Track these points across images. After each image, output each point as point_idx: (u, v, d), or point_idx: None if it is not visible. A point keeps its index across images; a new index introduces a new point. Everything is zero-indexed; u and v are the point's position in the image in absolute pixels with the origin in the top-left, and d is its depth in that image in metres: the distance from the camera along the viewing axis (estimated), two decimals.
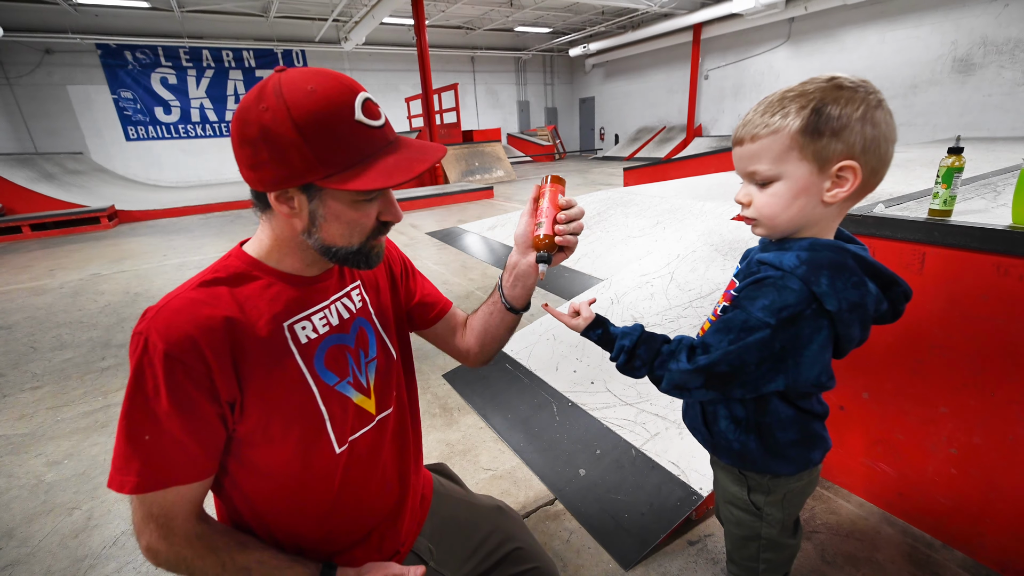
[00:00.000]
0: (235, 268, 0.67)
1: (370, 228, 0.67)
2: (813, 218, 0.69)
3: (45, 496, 1.70)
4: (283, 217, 0.65)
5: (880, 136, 0.63)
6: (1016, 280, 1.03)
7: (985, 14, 8.44)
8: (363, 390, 0.77)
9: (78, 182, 9.46)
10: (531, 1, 12.27)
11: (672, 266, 2.66)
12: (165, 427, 0.59)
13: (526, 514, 1.51)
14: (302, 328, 0.70)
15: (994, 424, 1.13)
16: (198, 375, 0.59)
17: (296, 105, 0.56)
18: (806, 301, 0.64)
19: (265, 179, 0.60)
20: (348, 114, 0.59)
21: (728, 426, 0.81)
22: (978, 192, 1.49)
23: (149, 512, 0.61)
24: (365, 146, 0.61)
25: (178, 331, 0.59)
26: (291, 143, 0.57)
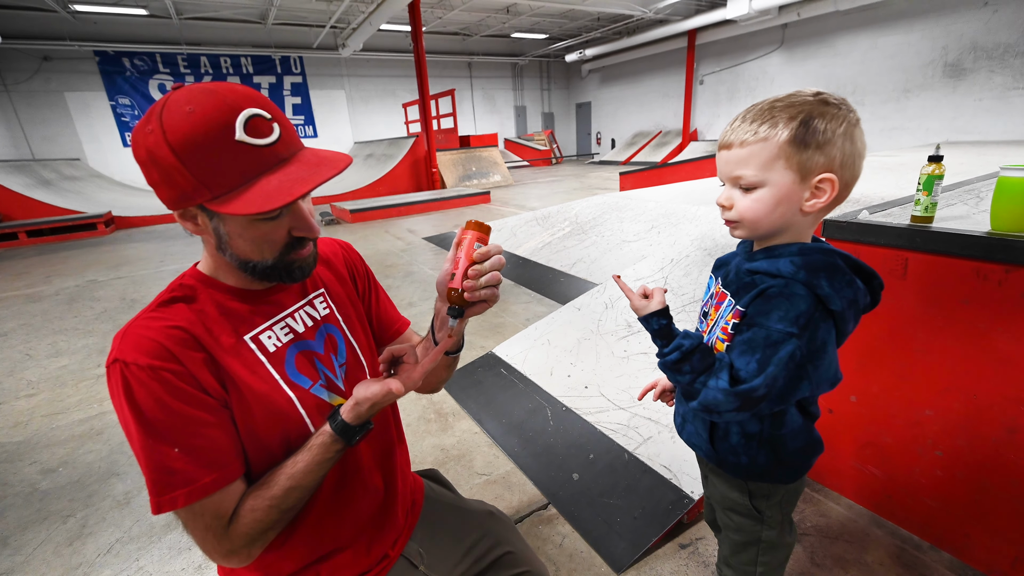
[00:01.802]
0: (189, 286, 0.69)
1: (281, 243, 0.66)
2: (791, 224, 0.71)
3: (40, 504, 1.70)
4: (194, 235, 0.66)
5: (856, 153, 0.67)
6: (995, 285, 1.05)
7: (974, 20, 8.55)
8: (339, 392, 0.78)
9: (75, 188, 9.47)
10: (527, 8, 12.36)
11: (666, 271, 2.68)
12: (187, 431, 0.60)
13: (520, 518, 1.52)
14: (267, 338, 0.71)
15: (977, 427, 1.15)
16: (184, 376, 0.61)
17: (172, 128, 0.55)
18: (815, 305, 0.67)
19: (163, 198, 0.61)
20: (227, 134, 0.56)
21: (740, 441, 0.80)
22: (961, 198, 1.52)
23: (202, 524, 0.62)
24: (247, 167, 0.58)
25: (150, 344, 0.60)
26: (172, 166, 0.56)
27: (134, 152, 0.59)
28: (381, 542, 0.82)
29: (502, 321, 3.10)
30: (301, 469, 0.67)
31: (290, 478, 0.66)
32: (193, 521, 0.62)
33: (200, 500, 0.61)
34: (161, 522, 1.59)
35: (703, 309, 0.87)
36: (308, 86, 14.57)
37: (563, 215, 5.01)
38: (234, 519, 0.64)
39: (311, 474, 0.67)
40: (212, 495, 0.61)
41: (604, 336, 2.30)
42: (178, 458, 0.59)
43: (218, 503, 0.62)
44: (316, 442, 0.68)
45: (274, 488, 0.65)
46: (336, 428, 0.68)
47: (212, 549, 0.64)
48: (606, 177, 11.63)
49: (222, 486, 0.62)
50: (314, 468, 0.67)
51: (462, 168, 10.80)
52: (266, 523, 0.65)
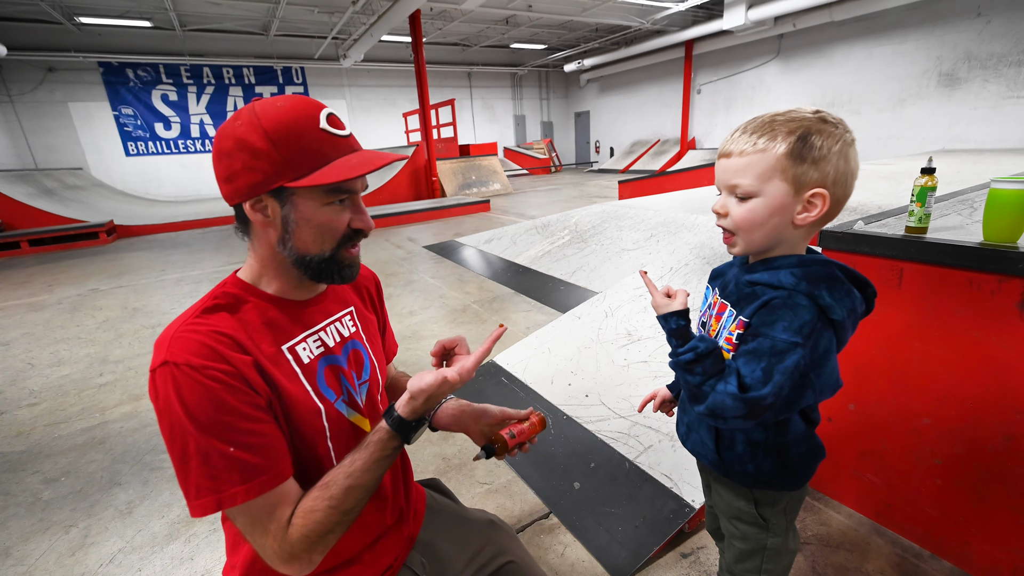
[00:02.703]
0: (232, 294, 0.70)
1: (341, 233, 0.70)
2: (784, 237, 0.74)
3: (42, 514, 1.71)
4: (260, 229, 0.69)
5: (849, 172, 0.70)
6: (988, 295, 1.07)
7: (968, 30, 8.65)
8: (358, 409, 0.80)
9: (77, 197, 9.52)
10: (526, 19, 12.50)
11: (665, 279, 2.70)
12: (242, 429, 0.60)
13: (521, 528, 1.52)
14: (303, 349, 0.73)
15: (975, 435, 1.16)
16: (235, 375, 0.62)
17: (266, 117, 0.63)
18: (818, 315, 0.69)
19: (240, 188, 0.65)
20: (314, 123, 0.65)
21: (745, 450, 0.81)
22: (955, 208, 1.54)
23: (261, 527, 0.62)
24: (330, 150, 0.66)
25: (199, 346, 0.61)
26: (261, 150, 0.63)
27: (217, 146, 0.65)
28: (386, 553, 0.83)
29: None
30: (359, 467, 0.67)
31: (348, 476, 0.66)
32: (252, 525, 0.62)
33: (257, 497, 0.61)
34: (164, 532, 1.60)
35: (701, 319, 0.88)
36: (309, 96, 14.65)
37: (563, 224, 5.04)
38: (292, 522, 0.63)
39: (369, 472, 0.67)
40: (269, 492, 0.62)
41: (604, 345, 2.32)
42: (234, 456, 0.60)
43: (275, 503, 0.63)
44: (373, 439, 0.69)
45: (332, 488, 0.65)
46: (392, 424, 0.69)
47: (274, 554, 0.63)
48: (605, 185, 11.70)
49: (278, 483, 0.63)
50: (372, 466, 0.68)
51: (462, 177, 10.86)
52: (326, 525, 0.64)
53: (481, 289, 4.06)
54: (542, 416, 0.90)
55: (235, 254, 6.12)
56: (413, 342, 3.02)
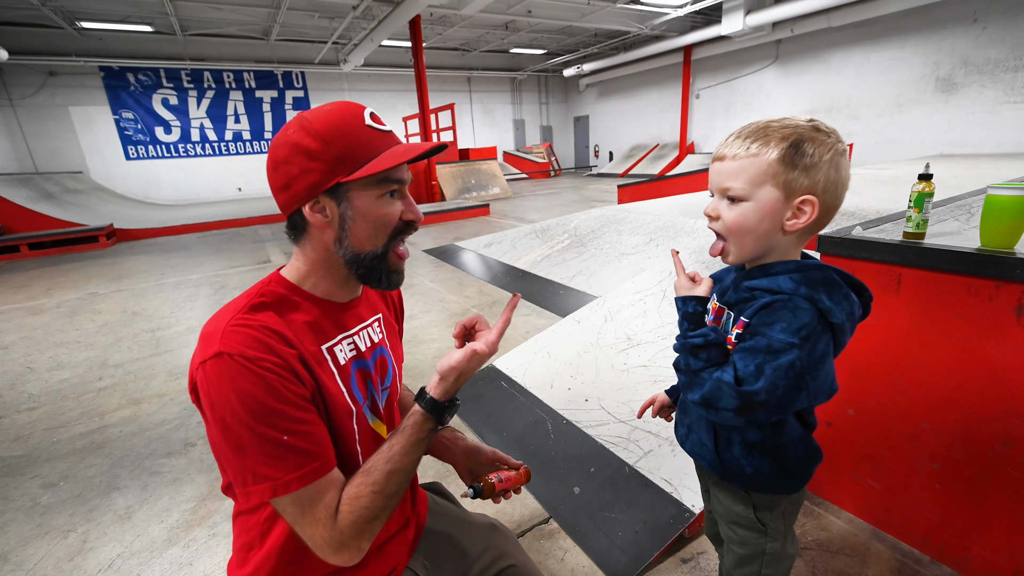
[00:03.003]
0: (277, 293, 0.72)
1: (392, 227, 0.73)
2: (775, 244, 0.75)
3: (40, 519, 1.70)
4: (317, 230, 0.71)
5: (839, 181, 0.71)
6: (986, 300, 1.08)
7: (965, 36, 8.71)
8: (379, 415, 0.82)
9: (77, 201, 9.53)
10: (526, 24, 12.56)
11: (665, 284, 2.70)
12: (293, 418, 0.62)
13: (521, 533, 1.52)
14: (339, 351, 0.76)
15: (973, 439, 1.17)
16: (284, 368, 0.63)
17: (316, 122, 0.67)
18: (817, 318, 0.69)
19: (299, 193, 0.68)
20: (359, 121, 0.69)
21: (742, 452, 0.82)
22: (953, 213, 1.55)
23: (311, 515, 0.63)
24: (377, 144, 0.70)
25: (251, 340, 0.63)
26: (316, 151, 0.66)
27: (272, 156, 0.69)
28: (391, 556, 0.83)
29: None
30: (398, 451, 0.69)
31: (388, 461, 0.68)
32: (303, 515, 0.63)
33: (309, 485, 0.62)
34: (163, 537, 1.59)
35: None
36: (309, 100, 14.73)
37: (562, 228, 5.05)
38: (339, 509, 0.65)
39: (408, 455, 0.69)
40: (319, 480, 0.63)
41: (604, 349, 2.32)
42: (289, 443, 0.61)
43: (324, 491, 0.64)
44: (408, 423, 0.71)
45: (375, 474, 0.67)
46: (426, 407, 0.71)
47: (324, 543, 0.64)
48: (604, 189, 11.73)
49: (328, 471, 0.65)
50: (410, 449, 0.69)
51: (461, 181, 10.88)
52: (372, 510, 0.66)
53: (481, 293, 4.06)
54: (528, 470, 0.95)
55: (234, 258, 6.12)
56: (412, 346, 3.02)
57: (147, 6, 9.65)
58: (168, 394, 2.58)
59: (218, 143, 13.73)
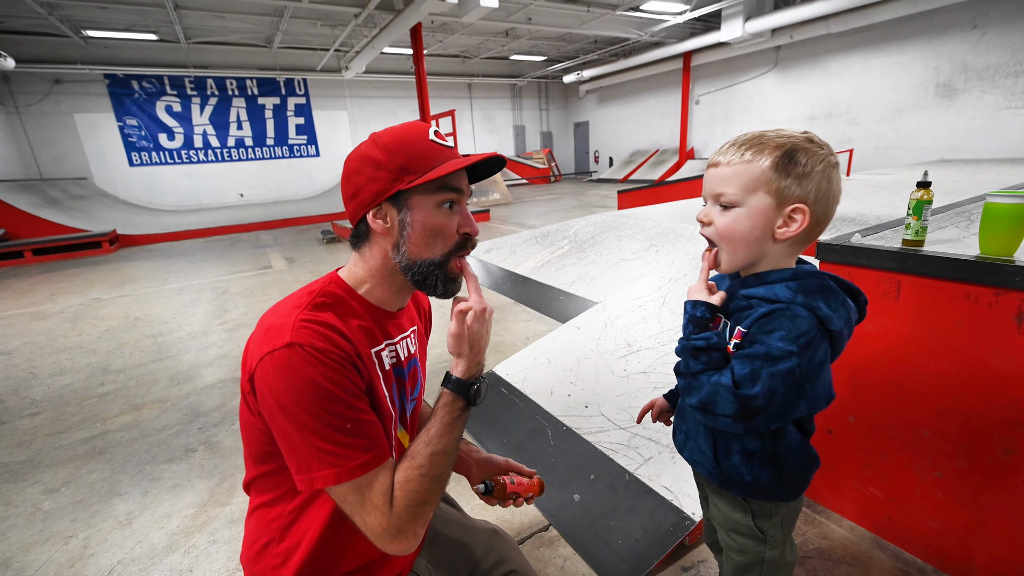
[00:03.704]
0: (336, 294, 0.76)
1: (452, 239, 0.76)
2: (766, 251, 0.76)
3: (42, 524, 1.70)
4: (379, 237, 0.75)
5: (831, 193, 0.72)
6: (985, 308, 1.08)
7: (964, 41, 8.74)
8: (405, 424, 0.85)
9: (81, 207, 9.58)
10: (526, 31, 12.64)
11: (664, 289, 2.71)
12: (358, 408, 0.66)
13: (521, 540, 1.52)
14: (386, 356, 0.79)
15: (975, 448, 1.16)
16: (347, 362, 0.67)
17: (384, 136, 0.73)
18: (816, 325, 0.70)
19: (365, 199, 0.73)
20: (423, 136, 0.75)
21: (741, 460, 0.82)
22: (952, 220, 1.55)
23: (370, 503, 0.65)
24: (439, 156, 0.74)
25: (320, 334, 0.66)
26: (382, 161, 0.72)
27: (345, 169, 0.75)
28: (396, 560, 0.84)
29: (502, 340, 3.12)
30: (435, 433, 0.72)
31: (428, 444, 0.71)
32: (362, 503, 0.65)
33: (369, 472, 0.65)
34: (163, 543, 1.59)
35: None
36: (311, 107, 14.82)
37: (562, 233, 5.06)
38: (394, 494, 0.67)
39: (446, 436, 0.72)
40: (378, 468, 0.67)
41: (604, 355, 2.32)
42: (351, 432, 0.65)
43: (381, 480, 0.67)
44: (439, 405, 0.74)
45: (418, 458, 0.70)
46: (452, 387, 0.74)
47: (383, 530, 0.66)
48: (604, 195, 11.75)
49: (383, 461, 0.67)
50: (446, 430, 0.72)
51: None
52: (422, 494, 0.68)
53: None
54: (543, 481, 0.97)
55: (236, 263, 6.14)
56: None
57: (152, 15, 9.74)
58: (170, 400, 2.59)
59: (221, 149, 13.81)
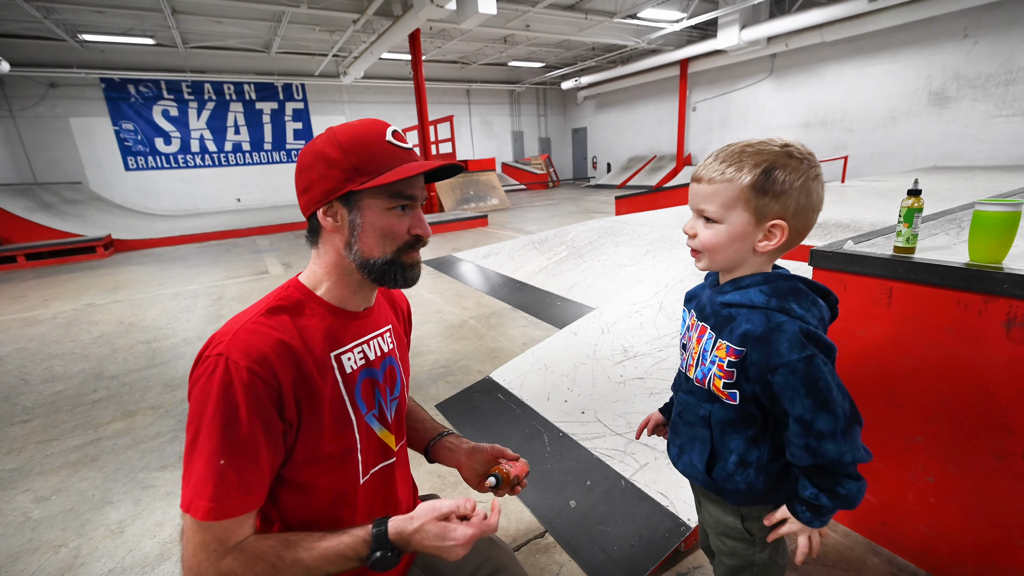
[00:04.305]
0: (294, 298, 0.75)
1: (402, 239, 0.75)
2: (745, 259, 0.79)
3: (32, 533, 1.68)
4: (329, 235, 0.74)
5: (810, 205, 0.74)
6: (975, 314, 1.09)
7: (956, 51, 8.85)
8: (387, 425, 0.84)
9: (75, 211, 9.54)
10: (524, 38, 12.73)
11: (661, 295, 2.72)
12: (243, 449, 0.63)
13: (517, 547, 1.51)
14: (347, 359, 0.77)
15: (966, 453, 1.17)
16: (272, 390, 0.65)
17: (341, 133, 0.72)
18: (795, 323, 0.73)
19: (316, 196, 0.72)
20: (380, 136, 0.73)
21: (737, 470, 0.83)
22: (943, 227, 1.57)
23: (206, 540, 0.62)
24: (393, 159, 0.73)
25: (257, 350, 0.64)
26: (335, 159, 0.70)
27: (299, 163, 0.74)
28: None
29: (499, 345, 3.12)
30: (321, 548, 0.66)
31: (308, 550, 0.66)
32: (197, 534, 0.63)
33: (216, 521, 0.62)
34: (155, 552, 1.58)
35: (682, 341, 0.93)
36: (309, 112, 14.85)
37: (560, 239, 5.07)
38: (238, 552, 0.64)
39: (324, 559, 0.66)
40: (226, 520, 0.63)
41: (600, 361, 2.32)
42: (220, 471, 0.62)
43: (227, 528, 0.63)
44: (354, 530, 0.69)
45: (289, 551, 0.65)
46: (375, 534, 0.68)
47: (198, 568, 0.63)
48: (602, 201, 11.79)
49: (240, 514, 0.64)
50: (331, 556, 0.66)
51: (460, 192, 10.94)
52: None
53: (479, 304, 4.07)
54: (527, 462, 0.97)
55: (233, 268, 6.12)
56: (410, 357, 3.01)
57: (149, 19, 9.76)
58: (163, 406, 2.57)
59: (217, 154, 13.80)
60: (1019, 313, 1.03)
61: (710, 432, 0.84)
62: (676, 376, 0.98)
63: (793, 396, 0.72)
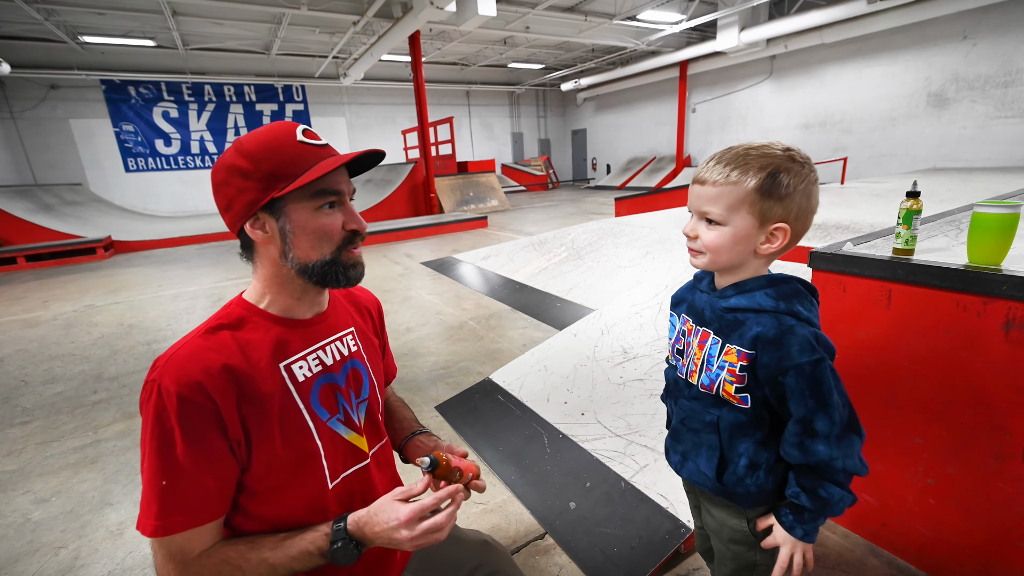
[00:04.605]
0: (236, 314, 0.74)
1: (338, 236, 0.74)
2: (747, 262, 0.80)
3: (32, 535, 1.68)
4: (262, 248, 0.73)
5: (810, 209, 0.76)
6: (974, 316, 1.09)
7: (955, 53, 8.87)
8: (355, 428, 0.82)
9: (75, 213, 9.53)
10: (524, 40, 12.74)
11: (660, 297, 2.72)
12: (182, 469, 0.64)
13: (517, 548, 1.51)
14: (299, 367, 0.76)
15: (965, 454, 1.17)
16: (207, 412, 0.65)
17: (246, 143, 0.70)
18: (805, 326, 0.74)
19: (239, 211, 0.70)
20: (290, 138, 0.71)
21: (747, 473, 0.82)
22: (942, 229, 1.57)
23: (168, 552, 0.66)
24: (309, 158, 0.71)
25: (188, 376, 0.64)
26: (247, 170, 0.69)
27: (213, 178, 0.72)
28: (381, 573, 0.83)
29: (499, 347, 3.12)
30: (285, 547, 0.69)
31: (272, 548, 0.69)
32: (158, 550, 0.67)
33: (166, 537, 0.64)
34: None
35: (676, 347, 0.91)
36: (309, 113, 14.87)
37: (559, 240, 5.08)
38: (204, 559, 0.67)
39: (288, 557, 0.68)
40: (177, 535, 0.65)
41: (600, 362, 2.32)
42: (162, 491, 0.64)
43: (187, 540, 0.66)
44: (318, 527, 0.71)
45: (254, 550, 0.68)
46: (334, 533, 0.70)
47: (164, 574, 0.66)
48: (602, 202, 11.80)
49: (187, 528, 0.65)
50: (295, 554, 0.69)
51: (460, 193, 10.95)
52: None
53: (478, 306, 4.07)
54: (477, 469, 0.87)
55: (233, 270, 6.13)
56: (410, 359, 3.02)
57: (150, 21, 9.77)
58: None
59: (218, 155, 13.77)
60: (1018, 315, 1.04)
61: (718, 437, 0.84)
62: (668, 384, 0.97)
63: (799, 397, 0.74)
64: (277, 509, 0.73)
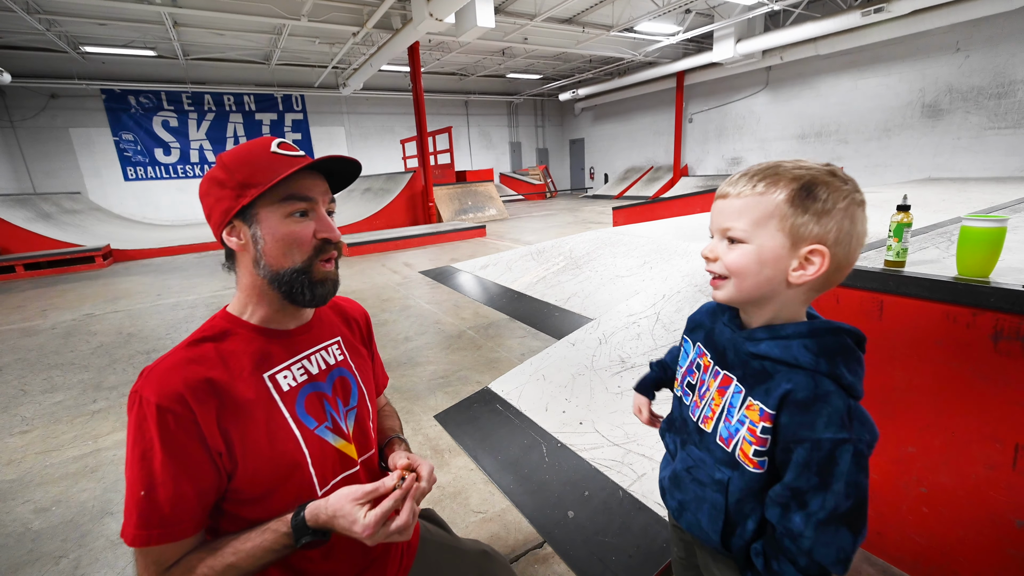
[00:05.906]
0: (220, 326, 0.77)
1: (308, 245, 0.76)
2: (776, 293, 0.66)
3: (32, 544, 1.68)
4: (240, 256, 0.77)
5: (854, 233, 0.63)
6: (964, 327, 1.12)
7: (948, 64, 9.01)
8: (343, 435, 0.83)
9: (74, 221, 9.55)
10: (522, 51, 12.90)
11: (658, 306, 2.74)
12: (160, 480, 0.65)
13: (515, 558, 1.52)
14: (284, 377, 0.77)
15: (958, 464, 1.19)
16: (187, 423, 0.66)
17: (225, 156, 0.75)
18: (845, 397, 0.62)
19: (217, 219, 0.75)
20: (264, 150, 0.75)
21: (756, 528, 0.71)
22: (933, 241, 1.60)
23: (147, 561, 0.68)
24: (282, 167, 0.73)
25: (168, 387, 0.66)
26: (223, 180, 0.73)
27: (199, 190, 0.77)
28: None
29: (498, 356, 3.13)
30: (247, 551, 0.69)
31: (235, 553, 0.69)
32: (139, 559, 0.68)
33: (146, 547, 0.66)
34: None
35: (687, 380, 0.81)
36: (309, 122, 14.97)
37: (557, 250, 5.11)
38: (177, 570, 0.68)
39: (254, 559, 0.69)
40: (152, 547, 0.66)
41: (598, 372, 2.34)
42: (141, 501, 0.65)
43: (163, 551, 0.67)
44: (271, 526, 0.70)
45: (218, 559, 0.68)
46: (295, 522, 0.69)
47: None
48: (599, 211, 11.87)
49: (165, 542, 0.66)
50: (260, 554, 0.69)
51: (458, 202, 11.00)
52: None
53: (477, 315, 4.09)
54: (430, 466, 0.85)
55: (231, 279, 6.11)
56: (408, 368, 3.03)
57: (151, 32, 9.87)
58: None
59: None
60: (1006, 326, 1.06)
61: (724, 499, 0.71)
62: (673, 419, 0.86)
63: (801, 470, 0.62)
64: (267, 513, 0.74)
